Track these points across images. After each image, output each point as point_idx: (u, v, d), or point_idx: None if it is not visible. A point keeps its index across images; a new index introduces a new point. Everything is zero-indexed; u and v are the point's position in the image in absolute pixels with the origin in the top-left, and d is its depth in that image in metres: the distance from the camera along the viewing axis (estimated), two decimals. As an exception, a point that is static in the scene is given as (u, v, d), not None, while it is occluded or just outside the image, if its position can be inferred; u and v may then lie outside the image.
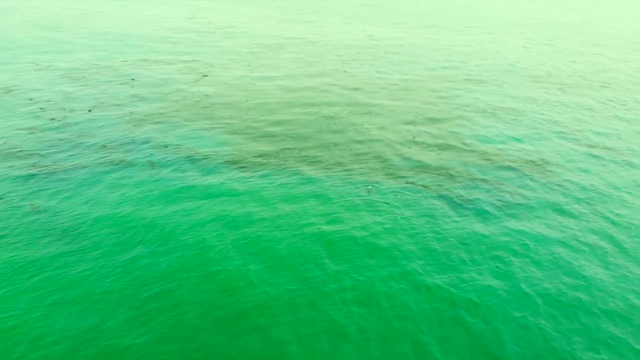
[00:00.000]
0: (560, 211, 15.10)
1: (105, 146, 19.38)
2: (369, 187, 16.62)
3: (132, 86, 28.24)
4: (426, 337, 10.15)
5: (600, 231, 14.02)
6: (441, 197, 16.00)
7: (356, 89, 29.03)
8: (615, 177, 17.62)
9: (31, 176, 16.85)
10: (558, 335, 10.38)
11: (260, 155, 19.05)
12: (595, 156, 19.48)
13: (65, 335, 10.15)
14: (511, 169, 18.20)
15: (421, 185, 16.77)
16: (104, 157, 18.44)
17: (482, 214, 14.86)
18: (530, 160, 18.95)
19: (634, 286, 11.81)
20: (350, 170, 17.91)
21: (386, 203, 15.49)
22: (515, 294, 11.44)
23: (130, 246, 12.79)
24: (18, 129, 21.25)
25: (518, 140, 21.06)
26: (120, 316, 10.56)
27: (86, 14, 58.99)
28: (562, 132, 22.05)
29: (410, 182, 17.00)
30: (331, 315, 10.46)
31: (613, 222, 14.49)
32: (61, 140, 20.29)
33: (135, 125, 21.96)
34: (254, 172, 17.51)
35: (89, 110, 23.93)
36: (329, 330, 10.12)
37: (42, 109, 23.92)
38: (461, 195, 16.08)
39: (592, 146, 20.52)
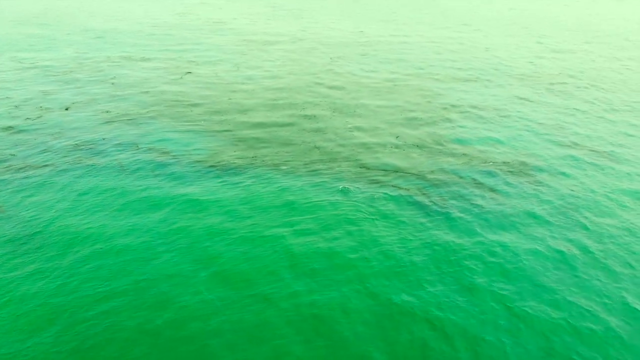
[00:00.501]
0: (534, 217, 14.73)
1: (77, 146, 18.98)
2: (343, 186, 16.24)
3: (112, 84, 27.80)
4: (381, 353, 9.79)
5: (572, 239, 13.64)
6: (414, 201, 15.63)
7: (341, 88, 28.58)
8: (594, 181, 17.24)
9: (-5, 177, 16.50)
10: (520, 351, 10.04)
11: (234, 158, 18.64)
12: (576, 159, 19.10)
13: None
14: (489, 172, 17.82)
15: (396, 189, 16.40)
16: (74, 158, 18.04)
17: (453, 220, 14.47)
18: (510, 163, 18.57)
19: (603, 298, 11.45)
20: (326, 173, 17.50)
21: (356, 208, 15.11)
22: (478, 305, 11.08)
23: (80, 251, 12.41)
24: (-10, 128, 20.87)
25: (499, 141, 20.67)
26: (61, 324, 10.20)
27: (75, 9, 58.42)
28: (545, 133, 21.66)
29: (386, 185, 16.62)
30: (281, 330, 10.08)
31: (587, 229, 14.11)
32: (35, 139, 19.90)
33: (110, 125, 21.54)
34: (226, 174, 17.11)
35: (66, 109, 23.52)
36: (276, 346, 9.75)
37: (16, 106, 23.51)
38: (435, 200, 15.71)
39: (574, 148, 20.14)
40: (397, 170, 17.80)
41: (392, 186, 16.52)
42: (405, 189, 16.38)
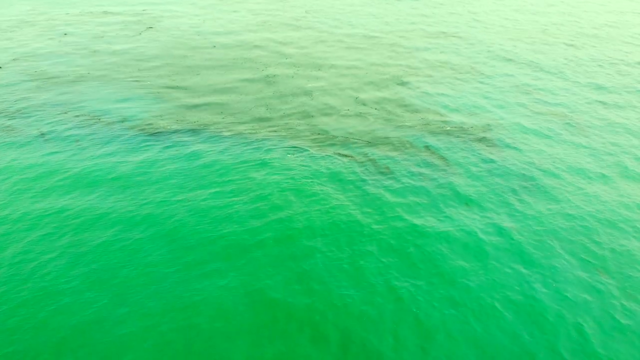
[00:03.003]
0: (465, 196, 13.64)
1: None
2: (290, 154, 15.33)
3: (59, 41, 26.34)
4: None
5: (495, 226, 12.40)
6: (356, 168, 14.64)
7: (311, 44, 26.97)
8: (544, 157, 15.91)
9: None
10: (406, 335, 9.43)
11: (176, 120, 17.51)
12: (535, 128, 17.74)
13: None
14: (444, 137, 16.68)
15: (343, 155, 15.36)
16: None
17: (376, 194, 13.51)
18: (466, 128, 17.30)
19: (513, 284, 10.68)
20: (275, 135, 16.50)
21: (290, 170, 14.22)
22: (367, 289, 10.43)
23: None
24: None
25: (458, 105, 19.36)
26: None
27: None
28: (511, 98, 20.21)
29: (333, 151, 15.59)
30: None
31: (514, 213, 12.96)
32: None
33: (43, 86, 20.34)
34: (157, 141, 15.97)
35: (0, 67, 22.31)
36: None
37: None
38: (376, 169, 14.65)
39: (539, 113, 18.84)
40: (351, 135, 16.74)
41: (342, 153, 15.55)
42: (353, 155, 15.39)
